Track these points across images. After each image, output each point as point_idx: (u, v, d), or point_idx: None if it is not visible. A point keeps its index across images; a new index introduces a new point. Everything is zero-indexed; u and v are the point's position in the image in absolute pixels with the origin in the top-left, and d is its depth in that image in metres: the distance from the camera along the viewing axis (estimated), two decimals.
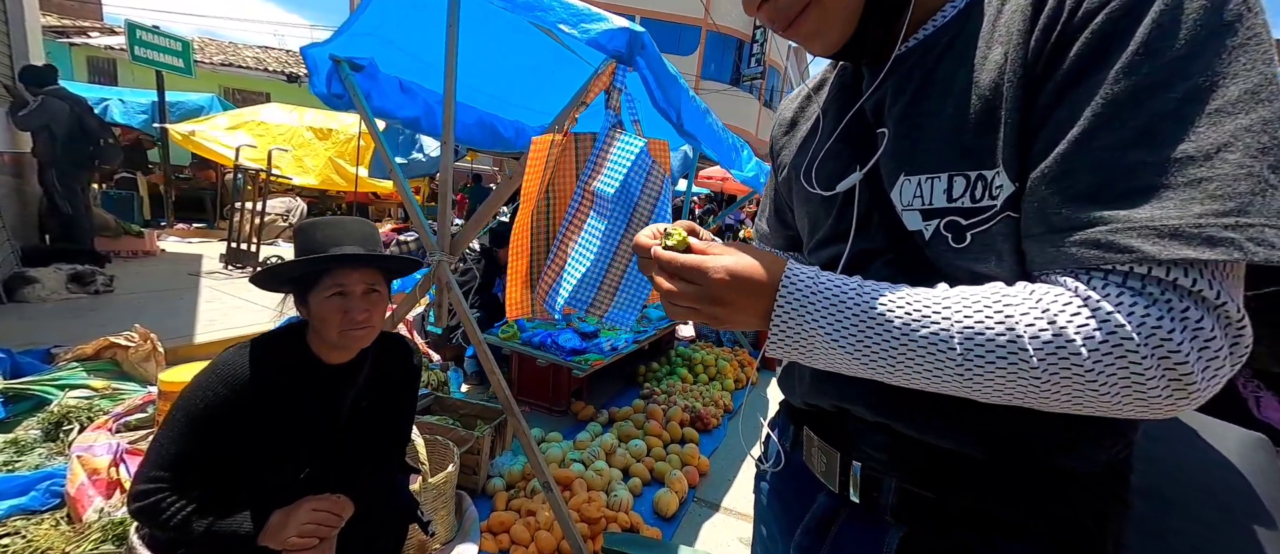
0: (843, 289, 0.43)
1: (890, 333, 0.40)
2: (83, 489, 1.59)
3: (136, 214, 6.31)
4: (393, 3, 1.93)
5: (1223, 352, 0.35)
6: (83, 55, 10.41)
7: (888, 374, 0.42)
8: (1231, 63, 0.34)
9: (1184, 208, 0.33)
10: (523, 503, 1.89)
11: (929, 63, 0.47)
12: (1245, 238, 0.32)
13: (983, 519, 0.47)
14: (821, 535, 0.58)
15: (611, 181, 1.48)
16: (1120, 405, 0.36)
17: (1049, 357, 0.36)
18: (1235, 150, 0.33)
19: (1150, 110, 0.35)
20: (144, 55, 6.03)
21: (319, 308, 1.07)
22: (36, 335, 2.64)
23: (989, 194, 0.42)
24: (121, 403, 2.14)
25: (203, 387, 1.03)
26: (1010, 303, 0.38)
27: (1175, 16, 0.34)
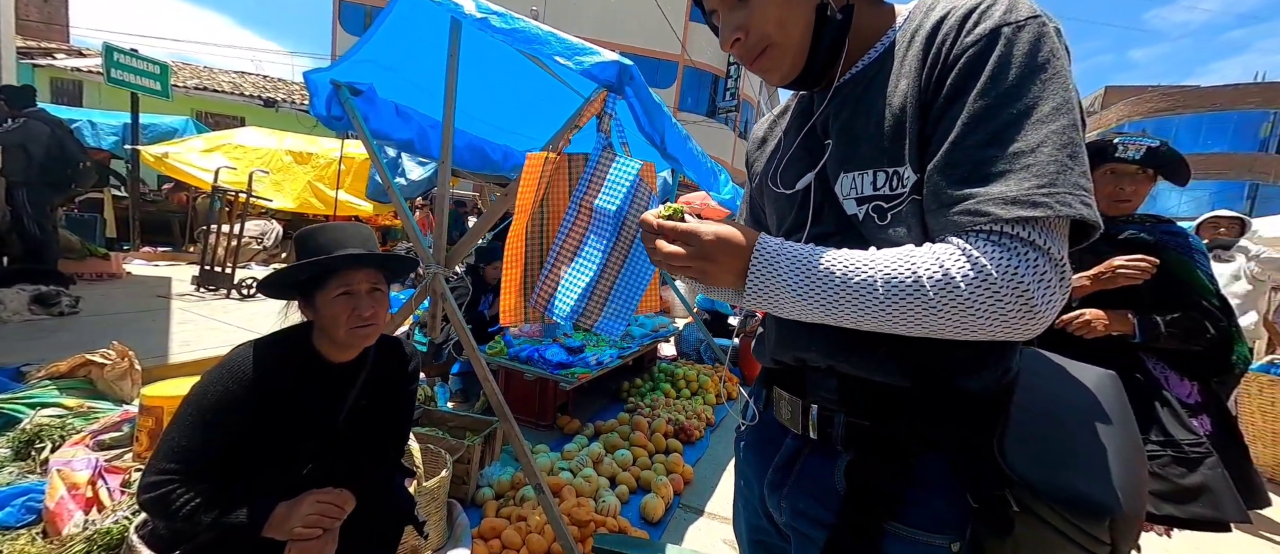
0: (799, 252, 0.58)
1: (833, 283, 0.55)
2: (62, 503, 1.56)
3: (99, 236, 6.10)
4: (394, 32, 2.06)
5: (1054, 282, 0.50)
6: (46, 77, 10.14)
7: (832, 315, 0.56)
8: (1045, 88, 0.51)
9: (1019, 184, 0.50)
10: (512, 510, 1.93)
11: (859, 91, 0.64)
12: (1054, 201, 0.49)
13: (907, 438, 0.60)
14: (788, 471, 0.70)
15: (612, 200, 1.61)
16: (991, 326, 0.50)
17: (939, 291, 0.51)
18: (1048, 145, 0.50)
19: (997, 121, 0.52)
20: (120, 78, 5.98)
21: (326, 308, 1.13)
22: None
23: (901, 183, 0.58)
24: (96, 421, 2.09)
25: (213, 382, 1.09)
26: (915, 256, 0.53)
27: (1007, 60, 0.52)
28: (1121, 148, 1.38)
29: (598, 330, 1.72)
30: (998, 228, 0.50)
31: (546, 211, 1.89)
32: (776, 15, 0.63)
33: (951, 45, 0.55)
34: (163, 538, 1.10)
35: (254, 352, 1.13)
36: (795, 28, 0.63)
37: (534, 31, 1.63)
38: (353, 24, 16.60)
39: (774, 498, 0.72)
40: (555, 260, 1.69)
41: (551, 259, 1.70)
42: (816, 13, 0.62)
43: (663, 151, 2.00)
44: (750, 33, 0.65)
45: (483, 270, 3.57)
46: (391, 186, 2.10)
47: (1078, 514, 0.53)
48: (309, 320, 1.20)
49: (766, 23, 0.63)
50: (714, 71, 17.33)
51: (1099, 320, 1.36)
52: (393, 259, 1.23)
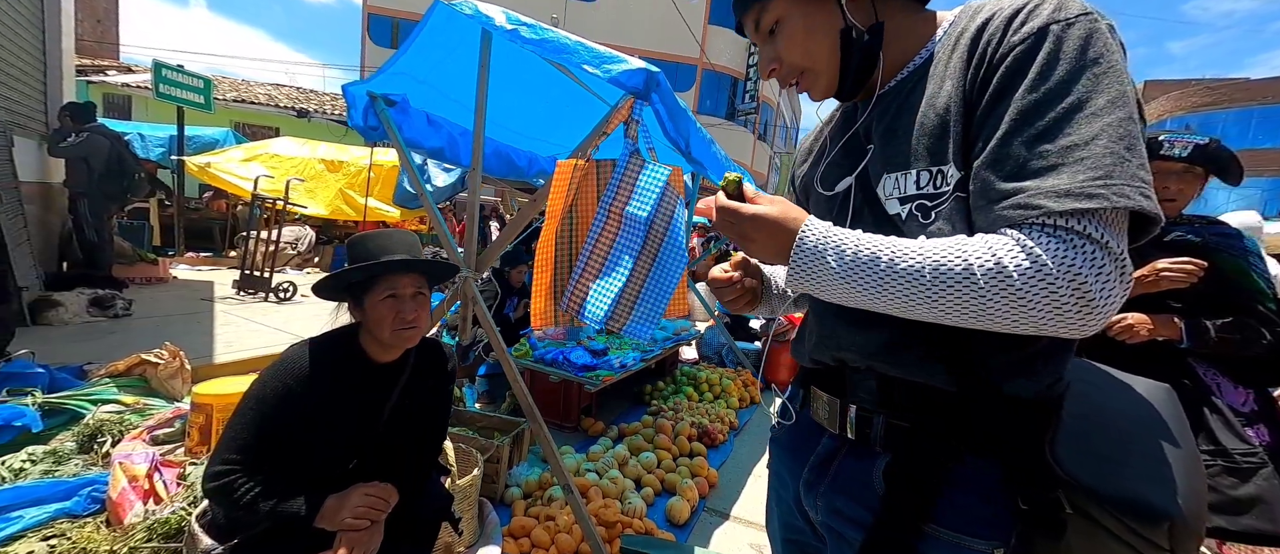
0: (847, 235, 0.59)
1: (878, 267, 0.55)
2: (124, 494, 1.66)
3: (147, 243, 6.45)
4: (427, 46, 2.14)
5: (1113, 276, 0.49)
6: (99, 92, 10.76)
7: (877, 301, 0.56)
8: (1098, 82, 0.51)
9: (1073, 177, 0.49)
10: (541, 510, 1.96)
11: (903, 96, 0.65)
12: (1111, 192, 0.48)
13: (949, 439, 0.60)
14: (824, 470, 0.70)
15: (642, 206, 1.63)
16: (1044, 320, 0.50)
17: (991, 280, 0.50)
18: (1103, 138, 0.49)
19: (1047, 116, 0.52)
20: (168, 92, 6.32)
21: (373, 310, 1.19)
22: (61, 356, 2.72)
23: (944, 181, 0.59)
24: (151, 417, 2.22)
25: (272, 378, 1.15)
26: (967, 245, 0.53)
27: (1056, 56, 0.52)
28: (1167, 144, 1.34)
29: (626, 334, 1.74)
30: (1052, 221, 0.50)
31: (575, 217, 1.92)
32: (802, 45, 0.67)
33: (997, 45, 0.55)
34: (221, 527, 1.17)
35: (309, 351, 1.19)
36: (821, 53, 0.67)
37: (563, 42, 1.67)
38: (381, 36, 17.15)
39: (810, 496, 0.72)
40: (585, 265, 1.73)
41: (582, 264, 1.73)
42: (841, 36, 0.65)
43: (687, 156, 2.02)
44: (783, 63, 0.70)
45: (508, 274, 3.64)
46: (424, 193, 2.17)
47: (1136, 518, 0.51)
48: (357, 322, 1.26)
49: (795, 53, 0.68)
50: (733, 74, 17.27)
51: (1142, 325, 1.32)
52: (435, 265, 1.28)
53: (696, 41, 15.57)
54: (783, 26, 0.68)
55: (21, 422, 1.99)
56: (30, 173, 4.01)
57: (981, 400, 0.58)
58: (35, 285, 3.62)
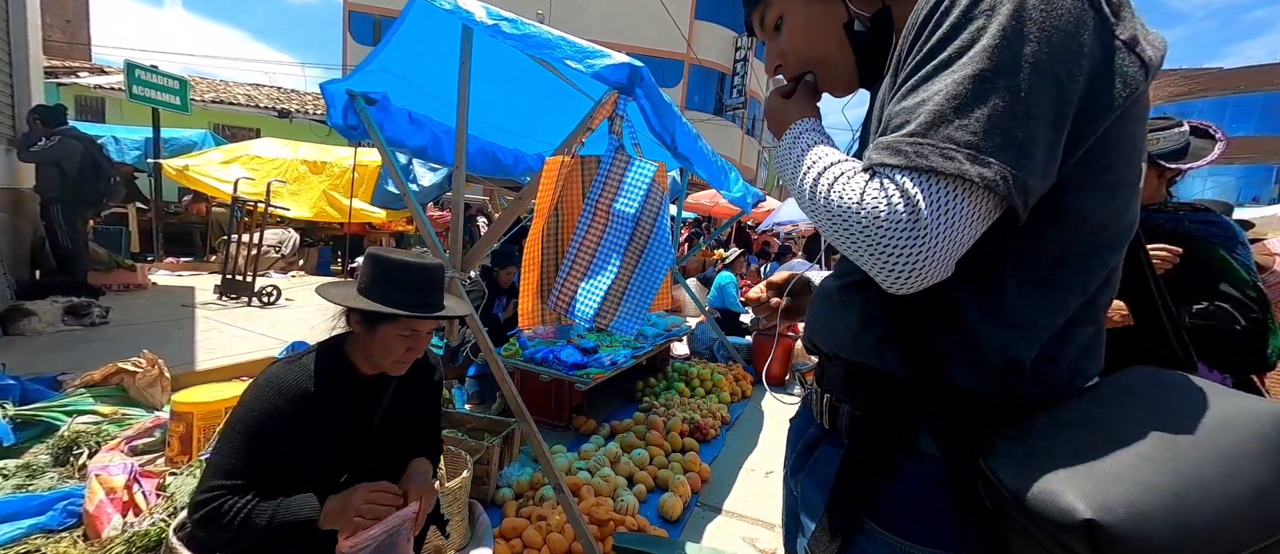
0: (801, 131, 0.62)
1: (790, 155, 0.61)
2: (102, 506, 1.62)
3: (124, 248, 6.29)
4: (407, 42, 2.10)
5: (908, 236, 0.46)
6: (71, 94, 10.44)
7: (785, 174, 0.61)
8: (975, 38, 0.46)
9: (897, 132, 0.48)
10: (532, 510, 1.95)
11: None
12: (914, 151, 0.46)
13: (892, 430, 0.58)
14: (807, 457, 0.71)
15: (629, 202, 1.62)
16: (855, 251, 0.50)
17: (815, 188, 0.54)
18: (938, 96, 0.46)
19: (915, 77, 0.49)
20: (142, 94, 6.15)
21: (386, 340, 1.16)
22: (35, 367, 2.64)
23: None
24: (130, 427, 2.16)
25: (256, 400, 1.11)
26: (843, 163, 0.54)
27: (942, 12, 0.48)
28: None
29: (614, 329, 1.73)
30: (869, 167, 0.50)
31: (561, 214, 1.91)
32: (806, 41, 0.66)
33: (914, 16, 0.53)
34: (202, 541, 1.14)
35: (296, 367, 1.16)
36: (828, 48, 0.65)
37: (545, 36, 1.64)
38: (362, 34, 16.86)
39: (793, 481, 0.73)
40: (573, 263, 1.71)
41: (568, 261, 1.72)
42: (845, 30, 0.63)
43: (674, 151, 2.01)
44: (789, 60, 0.69)
45: (496, 274, 3.61)
46: (408, 194, 2.13)
47: (1032, 516, 0.44)
48: (347, 334, 1.22)
49: (800, 49, 0.67)
50: (721, 69, 17.26)
51: (1117, 312, 1.34)
52: (463, 316, 1.26)
53: (683, 37, 15.54)
54: (786, 23, 0.67)
55: None
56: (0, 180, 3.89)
57: (928, 389, 0.55)
58: (6, 295, 3.51)
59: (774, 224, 7.14)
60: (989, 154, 0.44)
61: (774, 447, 2.95)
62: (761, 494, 2.41)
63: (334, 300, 1.16)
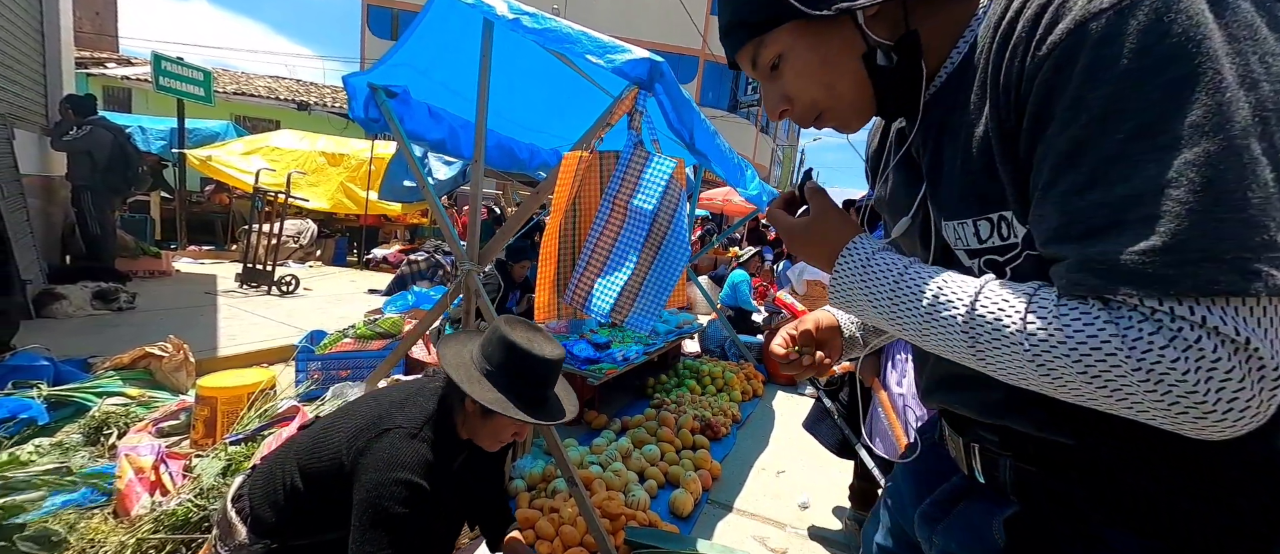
0: (893, 261, 0.50)
1: (917, 307, 0.47)
2: (131, 485, 1.67)
3: (149, 236, 6.45)
4: (428, 36, 2.12)
5: (1237, 372, 0.35)
6: (99, 85, 10.71)
7: (923, 341, 0.48)
8: (1173, 96, 0.35)
9: (1131, 243, 0.36)
10: (545, 502, 1.97)
11: (942, 112, 0.52)
12: (1185, 274, 0.35)
13: (1084, 500, 0.48)
14: (947, 508, 0.62)
15: (648, 198, 1.62)
16: (1136, 408, 0.38)
17: (1044, 347, 0.40)
18: (1179, 187, 0.35)
19: (1099, 153, 0.38)
20: (168, 85, 6.29)
21: (500, 427, 1.14)
22: (65, 349, 2.73)
23: (1012, 233, 0.47)
24: (157, 409, 2.22)
25: (399, 492, 1.01)
26: (1030, 299, 0.42)
27: (1102, 67, 0.37)
28: None
29: (629, 325, 1.74)
30: (1116, 296, 0.38)
31: (578, 209, 1.91)
32: (817, 80, 0.55)
33: (1025, 56, 0.42)
34: (260, 521, 1.13)
35: (416, 444, 1.07)
36: (842, 86, 0.55)
37: (565, 31, 1.65)
38: (380, 28, 17.03)
39: (925, 530, 0.65)
40: (589, 258, 1.72)
41: (586, 256, 1.73)
42: (864, 63, 0.53)
43: (691, 148, 2.01)
44: (795, 103, 0.58)
45: (511, 267, 3.64)
46: (427, 187, 2.16)
47: None
48: (449, 402, 1.17)
49: (808, 90, 0.56)
50: None
51: None
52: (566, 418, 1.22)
53: (699, 32, 15.44)
54: (788, 62, 0.55)
55: (28, 414, 2.00)
56: (31, 166, 4.01)
57: (1120, 457, 0.46)
58: (39, 278, 3.63)
59: None
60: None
61: (785, 446, 2.94)
62: (772, 493, 2.41)
63: (471, 393, 1.06)
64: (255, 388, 2.13)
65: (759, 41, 0.56)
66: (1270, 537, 0.43)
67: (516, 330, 1.14)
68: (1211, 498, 0.44)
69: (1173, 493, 0.45)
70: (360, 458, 1.04)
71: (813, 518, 2.22)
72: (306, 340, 2.96)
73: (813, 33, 0.53)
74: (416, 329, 2.23)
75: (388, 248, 7.64)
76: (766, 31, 0.54)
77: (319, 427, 1.20)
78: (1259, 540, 0.43)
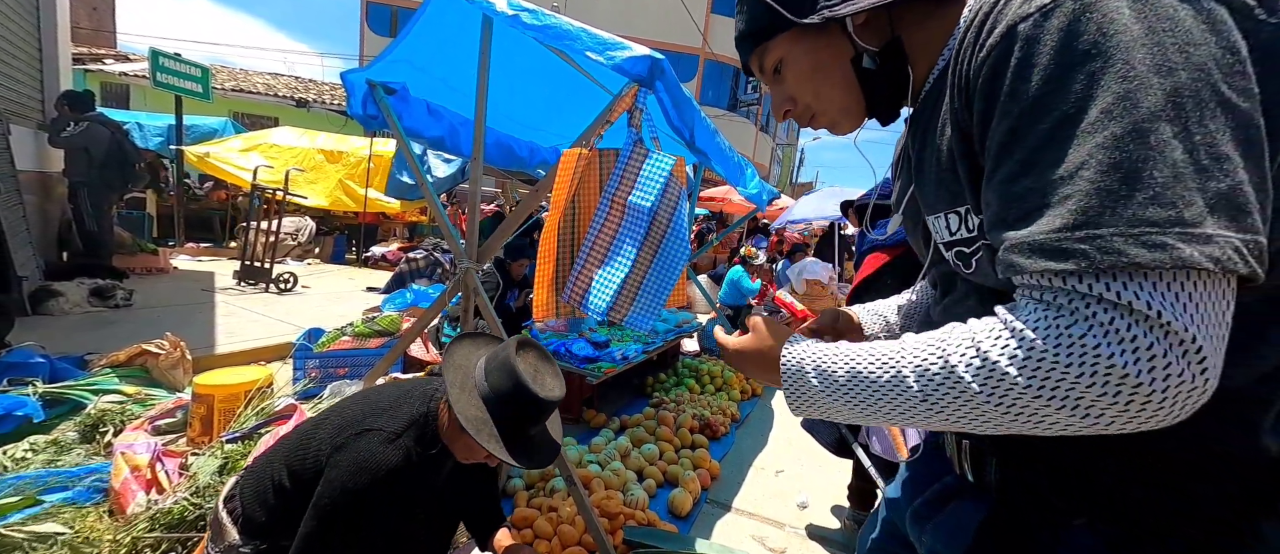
0: (823, 352, 0.52)
1: (861, 386, 0.48)
2: (127, 483, 1.66)
3: (146, 233, 6.43)
4: (427, 32, 2.10)
5: (1165, 352, 0.35)
6: (97, 81, 10.67)
7: (878, 418, 0.48)
8: (1093, 85, 0.38)
9: (1050, 224, 0.38)
10: (543, 501, 1.96)
11: (927, 116, 0.56)
12: (1093, 248, 0.36)
13: (1050, 495, 0.51)
14: (937, 507, 0.65)
15: (646, 196, 1.61)
16: (1085, 419, 0.38)
17: (986, 381, 0.40)
18: (1090, 167, 0.37)
19: (1028, 143, 0.40)
20: (165, 81, 6.26)
21: (471, 443, 1.06)
22: (61, 346, 2.72)
23: (974, 226, 0.50)
24: (153, 407, 2.21)
25: (357, 483, 1.00)
26: (949, 340, 0.44)
27: (1029, 64, 0.40)
28: None
29: (628, 324, 1.73)
30: (1043, 281, 0.40)
31: (578, 207, 1.90)
32: (810, 87, 0.62)
33: (970, 60, 0.46)
34: (251, 521, 1.12)
35: (390, 448, 1.05)
36: (833, 91, 0.61)
37: (565, 27, 1.63)
38: (379, 24, 16.98)
39: (916, 529, 0.68)
40: (588, 256, 1.71)
41: (584, 255, 1.72)
42: (853, 66, 0.58)
43: (691, 146, 1.99)
44: (797, 103, 0.65)
45: (509, 266, 3.63)
46: (426, 185, 2.15)
47: None
48: (436, 402, 1.15)
49: (804, 95, 0.63)
50: (735, 64, 17.08)
51: None
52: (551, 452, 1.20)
53: (699, 30, 15.41)
54: (787, 66, 0.62)
55: (23, 411, 1.99)
56: (28, 161, 3.98)
57: (1107, 450, 0.47)
58: (35, 275, 3.61)
59: (787, 222, 7.07)
60: (1198, 225, 0.35)
61: (784, 446, 2.94)
62: (771, 493, 2.40)
63: (454, 403, 1.03)
64: (252, 386, 2.12)
65: (762, 49, 0.63)
66: (1235, 522, 0.45)
67: (526, 358, 1.09)
68: (1162, 484, 0.47)
69: (1124, 482, 0.48)
70: (335, 453, 1.03)
71: (811, 517, 2.22)
72: (304, 338, 2.95)
73: (808, 39, 0.59)
74: (414, 327, 2.22)
75: (386, 245, 7.62)
76: (767, 39, 0.62)
77: (309, 425, 1.19)
78: (1218, 524, 0.46)
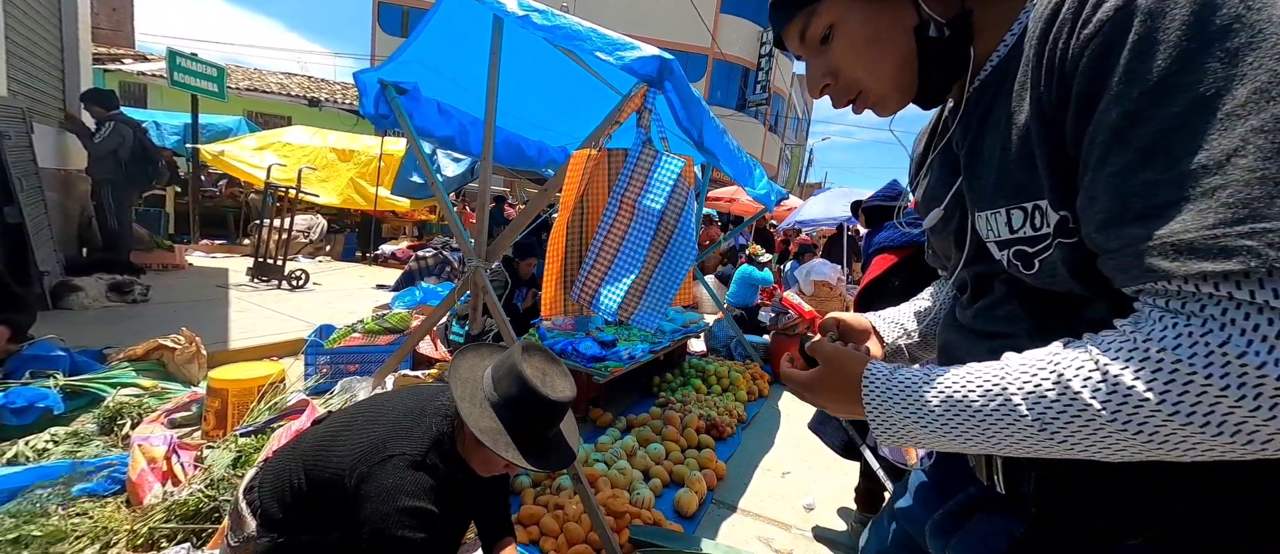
0: (912, 376, 0.48)
1: (967, 414, 0.43)
2: (143, 475, 1.70)
3: (162, 230, 6.55)
4: (438, 32, 2.12)
5: None
6: (116, 80, 10.88)
7: (984, 447, 0.44)
8: (1237, 63, 0.33)
9: (1200, 219, 0.34)
10: (550, 498, 1.97)
11: (985, 104, 0.52)
12: (1263, 244, 0.32)
13: (1106, 516, 0.46)
14: (961, 520, 0.61)
15: (656, 197, 1.62)
16: (1257, 440, 0.34)
17: (1115, 405, 0.36)
18: (1246, 154, 0.32)
19: (1151, 129, 0.35)
20: (182, 80, 6.37)
21: (494, 459, 1.08)
22: (81, 340, 2.78)
23: (1046, 222, 0.45)
24: (169, 400, 2.26)
25: (407, 517, 1.01)
26: (1059, 359, 0.40)
27: (1151, 40, 0.35)
28: None
29: (635, 323, 1.74)
30: (1174, 287, 0.35)
31: (585, 207, 1.91)
32: (862, 59, 0.55)
33: (1069, 37, 0.40)
34: (269, 515, 1.14)
35: (418, 474, 1.05)
36: (886, 65, 0.55)
37: (575, 28, 1.64)
38: (391, 25, 17.14)
39: (938, 542, 0.64)
40: (597, 255, 1.72)
41: (593, 254, 1.72)
42: (915, 36, 0.52)
43: (700, 146, 2.00)
44: (840, 78, 0.58)
45: (517, 265, 3.65)
46: (437, 184, 2.17)
47: None
48: (455, 423, 1.15)
49: (853, 67, 0.56)
50: (744, 64, 17.05)
51: None
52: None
53: (708, 30, 15.38)
54: (838, 33, 0.55)
55: (44, 403, 2.04)
56: (49, 159, 4.08)
57: (1171, 473, 0.42)
58: (56, 270, 3.69)
59: (795, 223, 7.04)
60: None
61: (791, 448, 2.93)
62: (778, 494, 2.40)
63: (468, 420, 1.03)
64: (265, 381, 2.15)
65: (811, 11, 0.56)
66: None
67: (532, 362, 1.09)
68: (1259, 525, 0.41)
69: (1207, 508, 0.42)
70: (363, 483, 1.04)
71: (818, 520, 2.21)
72: (315, 334, 2.99)
73: (866, 4, 0.53)
74: (424, 325, 2.24)
75: (396, 244, 7.69)
76: (817, 1, 0.55)
77: (325, 431, 1.20)
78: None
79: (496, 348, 1.28)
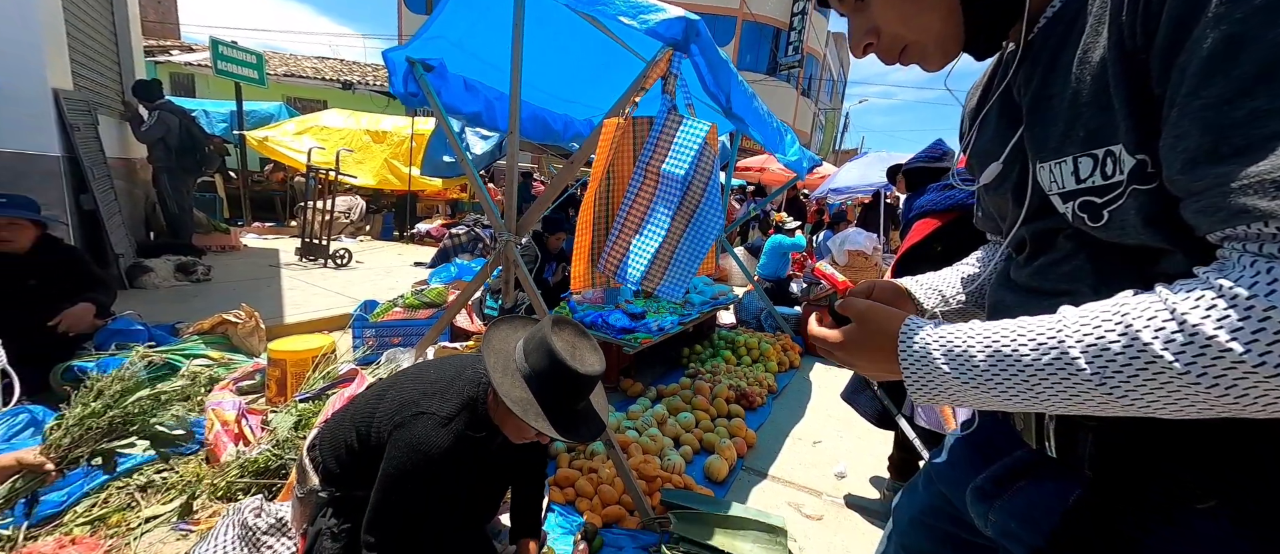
0: (955, 333, 0.45)
1: (1015, 369, 0.41)
2: (218, 436, 1.87)
3: (217, 213, 6.96)
4: (459, 8, 2.12)
5: None
6: (166, 71, 11.45)
7: (1034, 404, 0.42)
8: None
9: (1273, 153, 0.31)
10: (584, 462, 2.05)
11: (1053, 45, 0.48)
12: None
13: (1183, 476, 0.43)
14: (1006, 484, 0.58)
15: (679, 164, 1.59)
16: None
17: (1193, 358, 0.34)
18: None
19: (1259, 54, 0.32)
20: (225, 69, 6.63)
21: (524, 428, 1.10)
22: (154, 316, 3.03)
23: (1117, 169, 0.42)
24: (235, 370, 2.45)
25: (414, 464, 1.07)
26: (1126, 309, 0.37)
27: None
28: None
29: (660, 293, 1.74)
30: (1271, 231, 0.32)
31: (613, 176, 1.91)
32: (903, 11, 0.53)
33: None
34: (329, 471, 1.24)
35: (444, 430, 1.11)
36: (930, 16, 0.52)
37: None
38: (416, 3, 17.17)
39: (981, 506, 0.61)
40: (623, 225, 1.72)
41: (619, 224, 1.73)
42: None
43: (728, 112, 1.94)
44: (882, 35, 0.55)
45: (546, 239, 3.70)
46: (466, 160, 2.21)
47: None
48: (486, 387, 1.18)
49: (895, 22, 0.54)
50: (775, 24, 16.23)
51: None
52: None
53: None
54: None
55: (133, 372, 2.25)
56: (113, 148, 4.37)
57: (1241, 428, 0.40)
58: (129, 253, 4.01)
59: (829, 191, 6.80)
60: None
61: (822, 418, 2.92)
62: (808, 462, 2.41)
63: (499, 388, 1.06)
64: (319, 352, 2.30)
65: None
66: None
67: (562, 336, 1.11)
68: None
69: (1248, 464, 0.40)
70: (393, 433, 1.11)
71: (849, 487, 2.22)
72: (361, 309, 3.16)
73: None
74: (459, 299, 2.32)
75: (430, 222, 7.92)
76: None
77: (373, 393, 1.28)
78: None
79: (529, 320, 1.31)
